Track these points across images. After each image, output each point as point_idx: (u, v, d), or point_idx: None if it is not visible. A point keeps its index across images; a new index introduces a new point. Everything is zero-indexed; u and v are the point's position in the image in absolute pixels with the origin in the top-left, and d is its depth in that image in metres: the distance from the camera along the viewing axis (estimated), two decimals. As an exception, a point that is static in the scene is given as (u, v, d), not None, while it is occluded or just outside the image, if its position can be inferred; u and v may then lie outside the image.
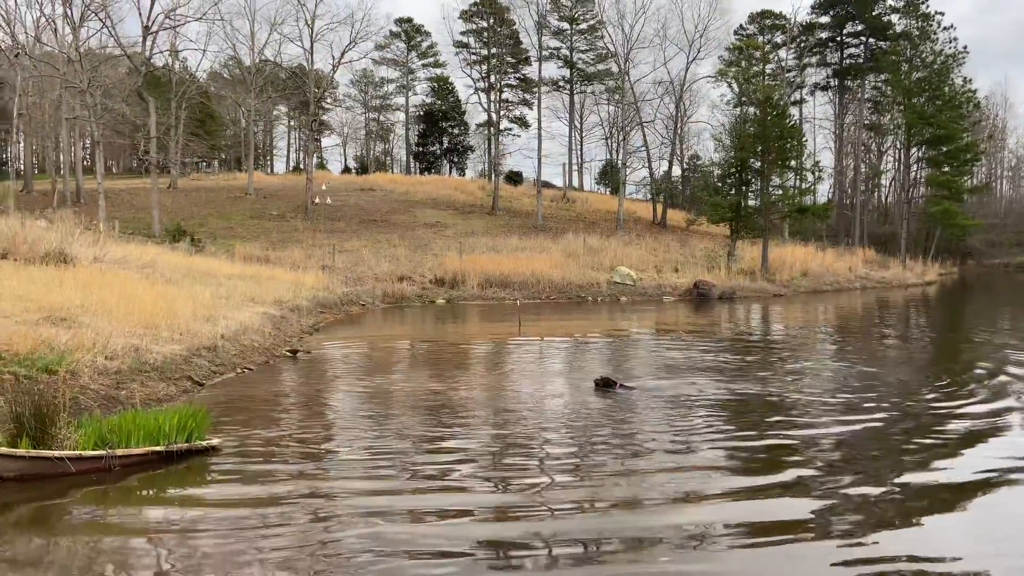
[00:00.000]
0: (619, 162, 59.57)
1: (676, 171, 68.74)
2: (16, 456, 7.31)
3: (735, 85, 50.84)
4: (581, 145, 76.22)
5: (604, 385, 12.19)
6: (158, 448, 8.04)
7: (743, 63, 56.02)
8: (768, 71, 62.20)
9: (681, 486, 7.33)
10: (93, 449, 7.70)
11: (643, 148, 58.67)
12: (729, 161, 42.68)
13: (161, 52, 50.93)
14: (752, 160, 41.71)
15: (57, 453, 7.46)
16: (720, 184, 44.03)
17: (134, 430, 8.04)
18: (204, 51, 67.01)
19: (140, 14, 42.52)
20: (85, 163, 58.69)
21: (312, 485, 7.43)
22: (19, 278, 15.78)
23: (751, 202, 43.08)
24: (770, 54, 66.08)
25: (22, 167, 57.56)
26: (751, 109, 44.46)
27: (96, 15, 41.71)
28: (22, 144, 60.20)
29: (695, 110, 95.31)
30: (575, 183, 73.62)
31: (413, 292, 32.21)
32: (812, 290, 40.11)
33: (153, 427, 8.16)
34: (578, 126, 73.47)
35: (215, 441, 8.62)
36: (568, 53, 66.11)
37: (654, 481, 7.49)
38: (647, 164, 60.29)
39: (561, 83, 67.81)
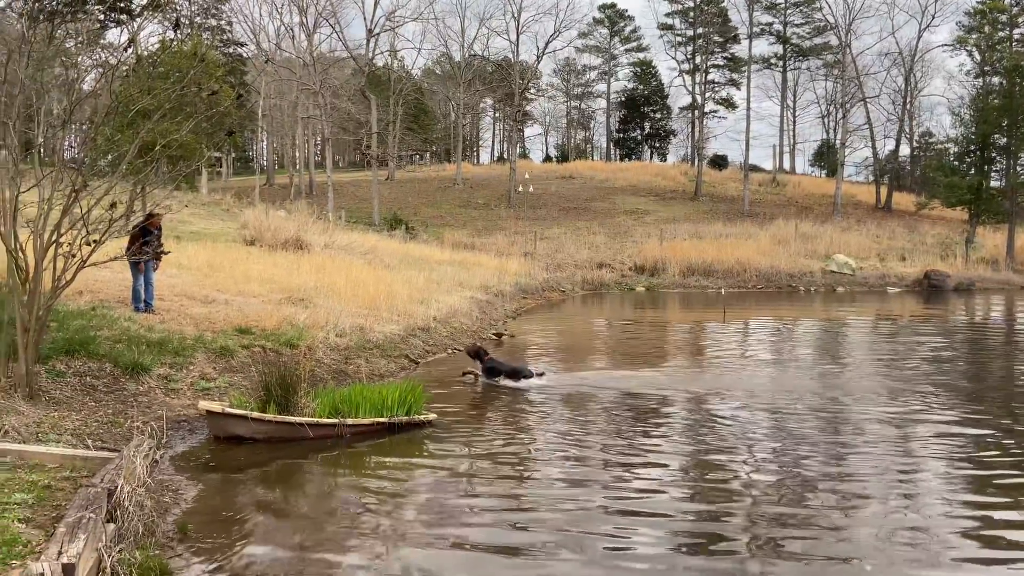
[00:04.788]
0: (837, 142, 55.53)
1: (904, 150, 62.91)
2: (266, 420, 8.26)
3: (976, 53, 45.54)
4: (793, 125, 72.04)
5: (512, 375, 11.47)
6: (382, 419, 8.73)
7: (986, 28, 49.90)
8: (1016, 36, 54.79)
9: (906, 546, 5.75)
10: (327, 417, 8.52)
11: (866, 126, 54.30)
12: (968, 137, 38.79)
13: (382, 52, 54.97)
14: (996, 136, 37.39)
15: (299, 419, 8.34)
16: (957, 163, 40.05)
17: (361, 402, 8.80)
18: (419, 49, 71.42)
19: (364, 18, 46.03)
20: (316, 158, 64.71)
21: (514, 470, 7.66)
22: (265, 263, 17.83)
23: (994, 183, 38.66)
24: (1018, 17, 58.09)
25: (264, 163, 64.61)
26: (995, 79, 39.68)
27: (327, 21, 45.87)
28: (265, 142, 67.62)
29: (928, 83, 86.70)
30: (786, 166, 69.66)
31: (612, 279, 32.23)
32: (1070, 283, 35.03)
33: (377, 400, 8.87)
34: (790, 105, 69.43)
35: (431, 416, 9.19)
36: (781, 28, 62.49)
37: (869, 522, 6.15)
38: (870, 143, 55.77)
39: (772, 60, 64.28)
